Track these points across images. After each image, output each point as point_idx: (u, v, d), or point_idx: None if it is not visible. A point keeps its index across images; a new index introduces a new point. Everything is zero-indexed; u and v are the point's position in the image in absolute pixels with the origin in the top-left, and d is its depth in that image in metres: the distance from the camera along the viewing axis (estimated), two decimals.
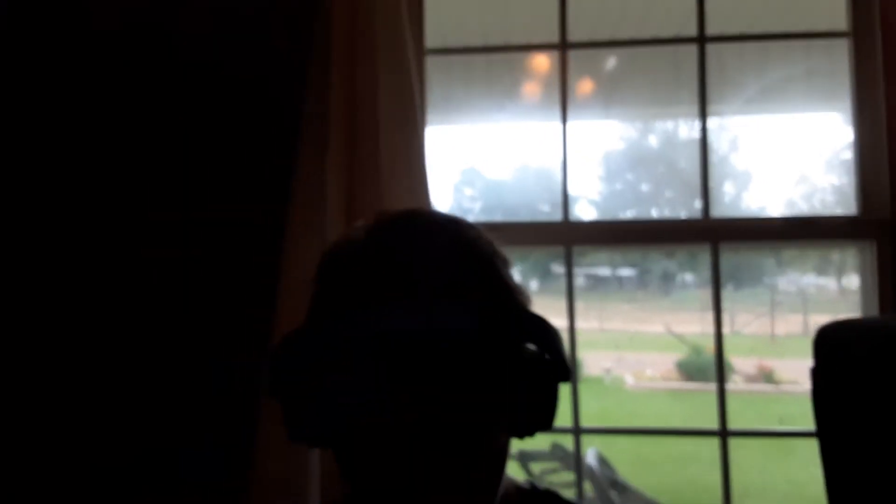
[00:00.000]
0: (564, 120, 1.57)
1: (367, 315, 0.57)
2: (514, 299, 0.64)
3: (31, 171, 1.47)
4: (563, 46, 1.59)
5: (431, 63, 1.56)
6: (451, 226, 0.65)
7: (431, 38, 1.56)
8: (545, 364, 0.63)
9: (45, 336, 1.44)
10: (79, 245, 1.45)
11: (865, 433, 0.68)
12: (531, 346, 0.64)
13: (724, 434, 1.50)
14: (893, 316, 1.29)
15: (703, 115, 1.56)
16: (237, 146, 1.44)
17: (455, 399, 0.58)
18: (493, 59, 1.99)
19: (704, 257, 1.53)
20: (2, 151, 1.48)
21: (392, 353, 0.57)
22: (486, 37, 2.15)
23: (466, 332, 0.57)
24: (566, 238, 1.53)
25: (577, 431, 1.52)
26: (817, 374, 0.77)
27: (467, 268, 0.62)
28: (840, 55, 1.55)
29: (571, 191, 1.58)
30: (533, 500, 0.75)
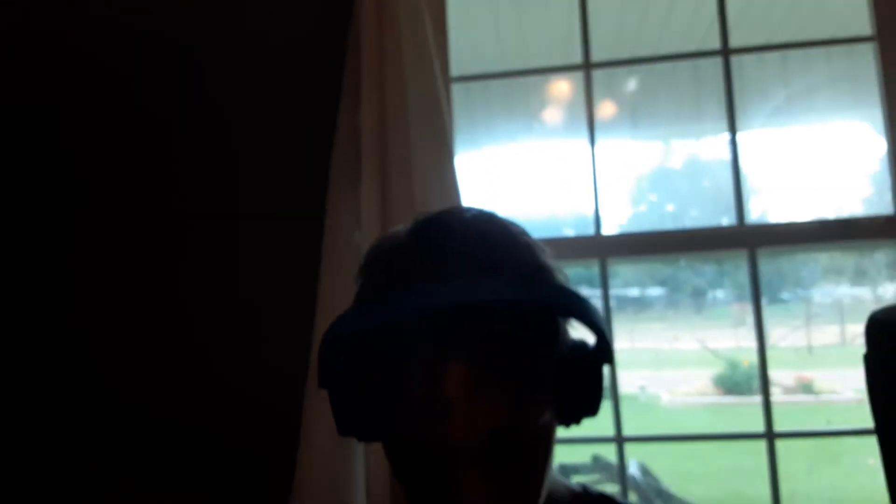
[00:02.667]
0: (592, 140, 1.61)
1: (408, 296, 0.58)
2: (553, 276, 0.65)
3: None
4: (586, 67, 1.64)
5: (456, 90, 1.62)
6: (487, 216, 0.67)
7: (455, 67, 1.62)
8: (586, 347, 0.64)
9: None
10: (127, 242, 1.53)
11: None
12: (571, 329, 0.65)
13: (770, 436, 1.51)
14: None
15: (733, 125, 1.59)
16: (275, 160, 1.51)
17: (498, 375, 0.58)
18: (516, 83, 2.03)
19: (735, 272, 1.56)
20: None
21: (433, 332, 0.58)
22: (507, 63, 2.20)
23: (506, 305, 0.58)
24: (600, 251, 1.57)
25: (619, 440, 1.54)
26: (871, 361, 0.77)
27: (503, 249, 0.63)
28: (864, 59, 1.58)
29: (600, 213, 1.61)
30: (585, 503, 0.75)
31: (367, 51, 1.37)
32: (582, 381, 0.63)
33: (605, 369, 0.65)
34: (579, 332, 0.66)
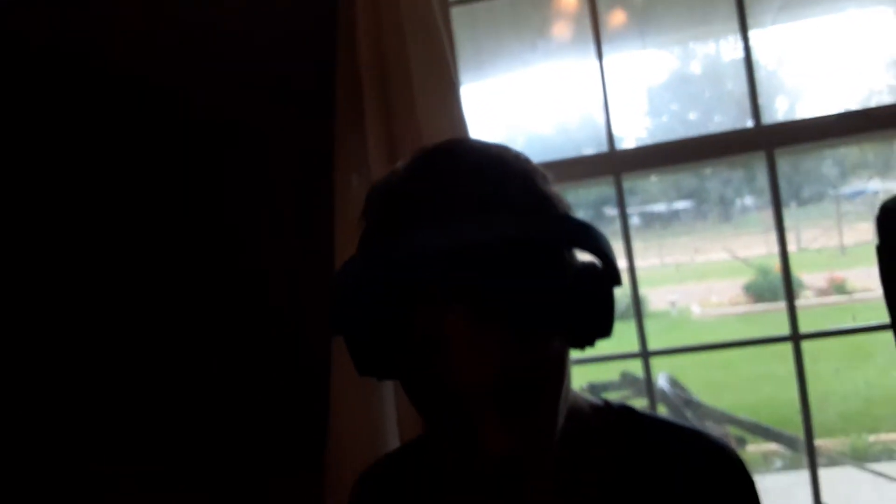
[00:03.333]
0: (600, 54, 1.56)
1: (406, 238, 0.57)
2: (555, 207, 0.64)
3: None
4: None
5: (457, 15, 1.57)
6: (486, 148, 0.65)
7: None
8: (595, 269, 0.63)
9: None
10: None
11: None
12: (578, 256, 0.64)
13: (796, 338, 1.50)
14: None
15: (743, 21, 1.53)
16: (277, 107, 1.48)
17: (507, 305, 0.58)
18: (520, 1, 1.96)
19: (762, 177, 1.50)
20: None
21: (432, 273, 0.58)
22: None
23: (510, 239, 0.57)
24: (614, 167, 1.54)
25: (645, 355, 1.55)
26: (884, 252, 0.74)
27: (504, 182, 0.62)
28: None
29: (618, 130, 1.57)
30: (607, 416, 0.75)
31: None
32: (591, 304, 0.63)
33: (619, 288, 0.64)
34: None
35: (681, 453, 0.71)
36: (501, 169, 0.63)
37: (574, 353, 0.67)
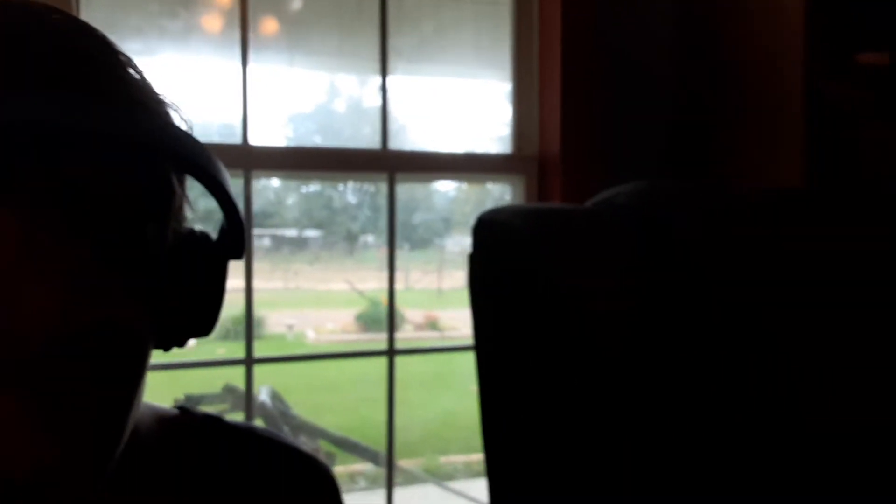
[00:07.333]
0: (245, 62, 1.53)
1: None
2: (171, 116, 0.47)
3: None
4: None
5: None
6: (75, 18, 0.45)
7: None
8: (208, 237, 0.48)
9: None
10: None
11: (523, 307, 0.72)
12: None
13: (391, 353, 1.61)
14: (549, 205, 1.43)
15: (384, 48, 1.63)
16: None
17: (75, 241, 0.39)
18: None
19: (383, 218, 1.59)
20: None
21: None
22: None
23: (94, 137, 0.37)
24: (246, 162, 1.48)
25: (249, 362, 1.49)
26: (475, 259, 0.80)
27: (100, 62, 0.42)
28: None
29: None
30: (180, 427, 0.61)
31: None
32: (199, 279, 0.47)
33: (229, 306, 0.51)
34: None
35: (265, 464, 0.63)
36: (103, 48, 0.43)
37: (168, 357, 0.52)
